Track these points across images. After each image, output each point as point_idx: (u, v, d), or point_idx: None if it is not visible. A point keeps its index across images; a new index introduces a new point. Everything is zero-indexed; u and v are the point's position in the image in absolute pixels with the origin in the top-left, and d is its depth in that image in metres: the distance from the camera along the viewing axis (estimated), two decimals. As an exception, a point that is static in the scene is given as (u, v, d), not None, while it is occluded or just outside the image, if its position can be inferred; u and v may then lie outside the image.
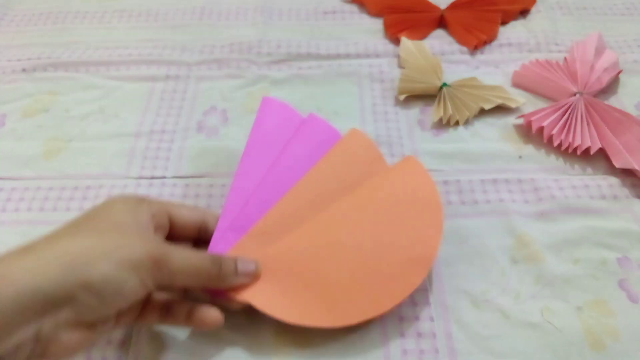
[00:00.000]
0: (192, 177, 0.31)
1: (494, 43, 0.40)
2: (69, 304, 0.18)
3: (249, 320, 0.25)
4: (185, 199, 0.30)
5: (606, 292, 0.26)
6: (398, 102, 0.36)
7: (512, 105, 0.35)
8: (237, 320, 0.25)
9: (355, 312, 0.23)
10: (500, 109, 0.35)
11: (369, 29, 0.41)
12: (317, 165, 0.27)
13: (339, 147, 0.28)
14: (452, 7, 0.42)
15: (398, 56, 0.39)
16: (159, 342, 0.24)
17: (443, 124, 0.34)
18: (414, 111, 0.35)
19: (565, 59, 0.38)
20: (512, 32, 0.41)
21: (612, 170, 0.31)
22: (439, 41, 0.40)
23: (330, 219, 0.25)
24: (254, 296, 0.23)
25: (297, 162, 0.27)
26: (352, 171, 0.27)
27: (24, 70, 0.38)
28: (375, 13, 0.43)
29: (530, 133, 0.33)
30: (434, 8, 0.42)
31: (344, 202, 0.26)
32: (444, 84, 0.35)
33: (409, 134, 0.34)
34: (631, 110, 0.35)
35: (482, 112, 0.35)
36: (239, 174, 0.27)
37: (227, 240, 0.25)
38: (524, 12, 0.43)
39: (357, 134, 0.29)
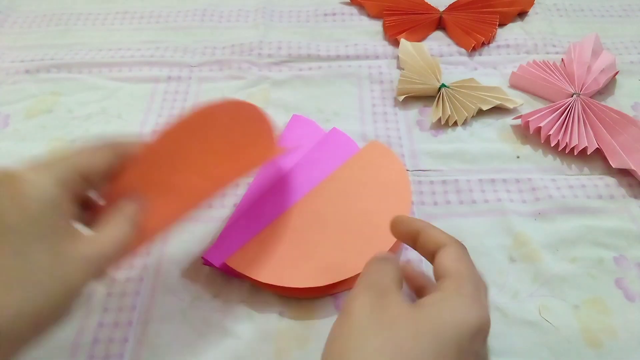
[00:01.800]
0: (193, 177, 0.31)
1: (492, 45, 0.40)
2: None
3: (248, 319, 0.25)
4: (186, 199, 0.30)
5: (603, 290, 0.26)
6: (397, 103, 0.36)
7: (510, 106, 0.35)
8: (235, 322, 0.25)
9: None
10: (498, 110, 0.35)
11: (368, 31, 0.42)
12: (336, 172, 0.30)
13: (358, 156, 0.30)
14: (450, 9, 0.42)
15: (397, 57, 0.39)
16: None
17: (442, 125, 0.34)
18: (413, 112, 0.35)
19: (562, 60, 0.38)
20: (509, 33, 0.41)
21: (609, 170, 0.31)
22: (437, 43, 0.40)
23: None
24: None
25: (315, 167, 0.30)
26: (371, 176, 0.29)
27: (27, 71, 0.38)
28: (374, 15, 0.43)
29: (528, 133, 0.34)
30: (433, 10, 0.42)
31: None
32: (443, 85, 0.35)
33: (408, 134, 0.34)
34: (628, 111, 0.35)
35: (480, 113, 0.35)
36: (258, 176, 0.30)
37: (239, 225, 0.27)
38: (521, 14, 0.43)
39: (376, 145, 0.31)
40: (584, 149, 0.32)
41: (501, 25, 0.42)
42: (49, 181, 0.18)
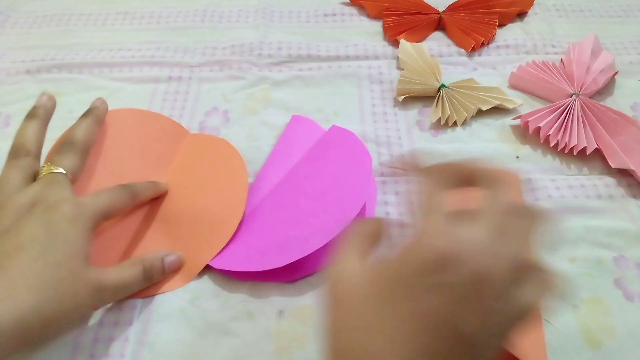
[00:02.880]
0: (193, 176, 0.31)
1: (492, 45, 0.40)
2: None
3: (248, 319, 0.25)
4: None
5: (602, 290, 0.26)
6: (397, 103, 0.36)
7: (509, 106, 0.35)
8: (235, 322, 0.25)
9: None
10: (498, 110, 0.35)
11: (368, 31, 0.42)
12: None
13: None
14: (450, 9, 0.42)
15: (397, 58, 0.39)
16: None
17: (441, 125, 0.34)
18: (413, 112, 0.36)
19: (561, 60, 0.38)
20: (509, 34, 0.41)
21: (608, 170, 0.32)
22: (437, 43, 0.40)
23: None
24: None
25: (316, 165, 0.30)
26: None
27: (28, 71, 0.38)
28: (374, 15, 0.43)
29: (527, 134, 0.34)
30: (433, 10, 0.42)
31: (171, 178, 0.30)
32: (442, 85, 0.36)
33: (408, 134, 0.34)
34: (627, 111, 0.35)
35: (480, 113, 0.35)
36: (259, 176, 0.30)
37: (246, 227, 0.27)
38: (521, 15, 0.43)
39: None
40: (583, 149, 0.32)
41: (500, 25, 0.42)
42: (87, 219, 0.22)
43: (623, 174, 0.31)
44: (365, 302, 0.15)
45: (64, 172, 0.25)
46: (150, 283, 0.25)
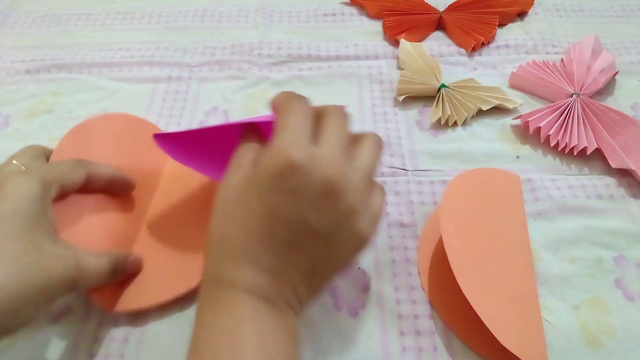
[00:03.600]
0: (193, 176, 0.31)
1: (492, 45, 0.40)
2: None
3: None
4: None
5: (603, 290, 0.26)
6: (397, 103, 0.36)
7: (510, 106, 0.35)
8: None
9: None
10: (498, 110, 0.35)
11: (368, 31, 0.42)
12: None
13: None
14: (450, 9, 0.42)
15: (397, 58, 0.39)
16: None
17: (441, 125, 0.34)
18: (413, 112, 0.36)
19: (562, 60, 0.38)
20: (509, 34, 0.41)
21: (609, 170, 0.32)
22: (437, 43, 0.40)
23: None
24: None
25: None
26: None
27: (27, 71, 0.38)
28: (374, 15, 0.43)
29: (528, 134, 0.34)
30: (433, 10, 0.42)
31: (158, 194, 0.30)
32: (443, 85, 0.36)
33: (408, 134, 0.34)
34: (627, 111, 0.35)
35: (480, 113, 0.35)
36: None
37: None
38: (521, 14, 0.43)
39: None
40: (584, 149, 0.32)
41: (501, 25, 0.42)
42: (33, 181, 0.21)
43: (623, 174, 0.31)
44: (232, 199, 0.19)
45: (15, 162, 0.24)
46: (114, 277, 0.24)
